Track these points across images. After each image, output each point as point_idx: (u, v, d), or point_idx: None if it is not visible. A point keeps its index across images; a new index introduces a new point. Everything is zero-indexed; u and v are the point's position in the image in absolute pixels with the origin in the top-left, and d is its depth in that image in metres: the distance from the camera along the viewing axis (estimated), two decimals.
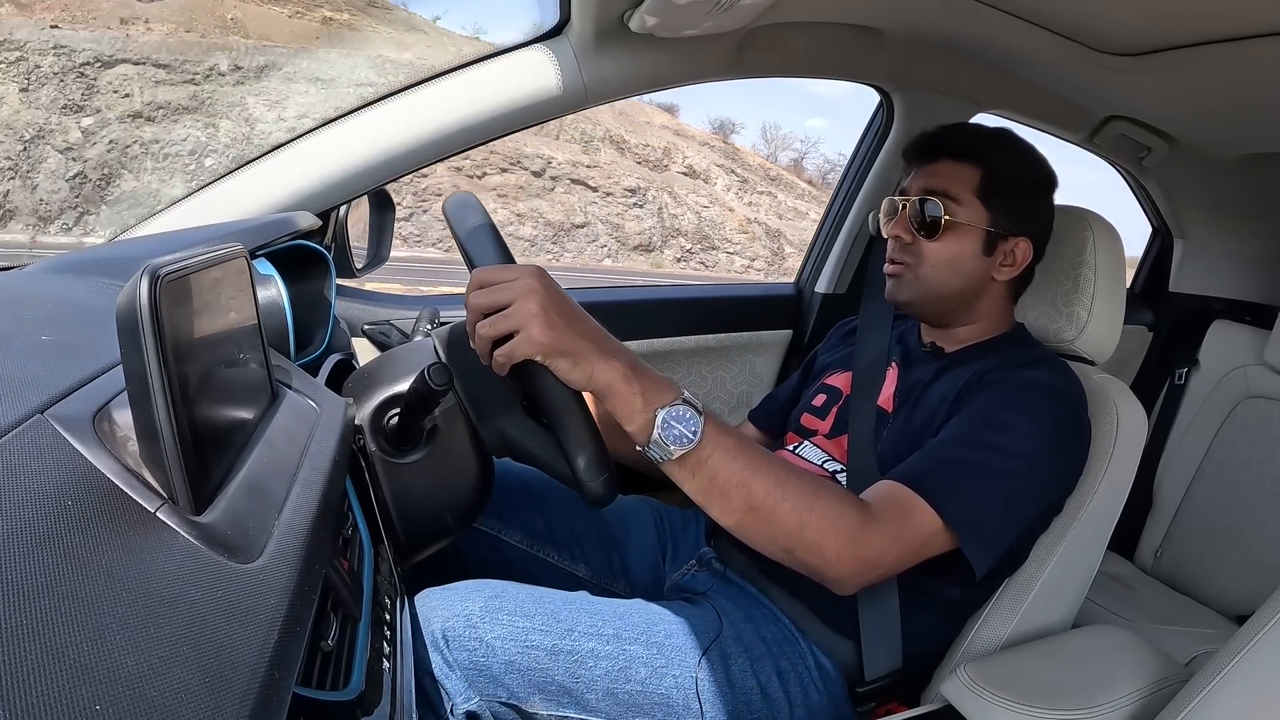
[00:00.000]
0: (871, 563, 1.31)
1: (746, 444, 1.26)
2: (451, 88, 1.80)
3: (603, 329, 1.21)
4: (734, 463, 1.23)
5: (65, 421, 0.65)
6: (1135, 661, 1.44)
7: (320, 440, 1.01)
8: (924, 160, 1.67)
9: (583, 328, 1.18)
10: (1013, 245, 1.62)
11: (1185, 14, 1.67)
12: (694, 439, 1.20)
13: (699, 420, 1.20)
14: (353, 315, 2.09)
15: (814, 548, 1.27)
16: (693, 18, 1.68)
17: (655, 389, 1.20)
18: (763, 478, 1.24)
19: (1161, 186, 2.85)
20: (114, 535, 0.58)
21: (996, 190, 1.60)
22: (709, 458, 1.22)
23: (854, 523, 1.28)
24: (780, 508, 1.24)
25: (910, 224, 1.62)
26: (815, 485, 1.28)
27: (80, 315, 1.02)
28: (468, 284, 1.21)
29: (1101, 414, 1.56)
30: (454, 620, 1.38)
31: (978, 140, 1.65)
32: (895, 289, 1.66)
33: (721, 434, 1.23)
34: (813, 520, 1.25)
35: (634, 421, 1.21)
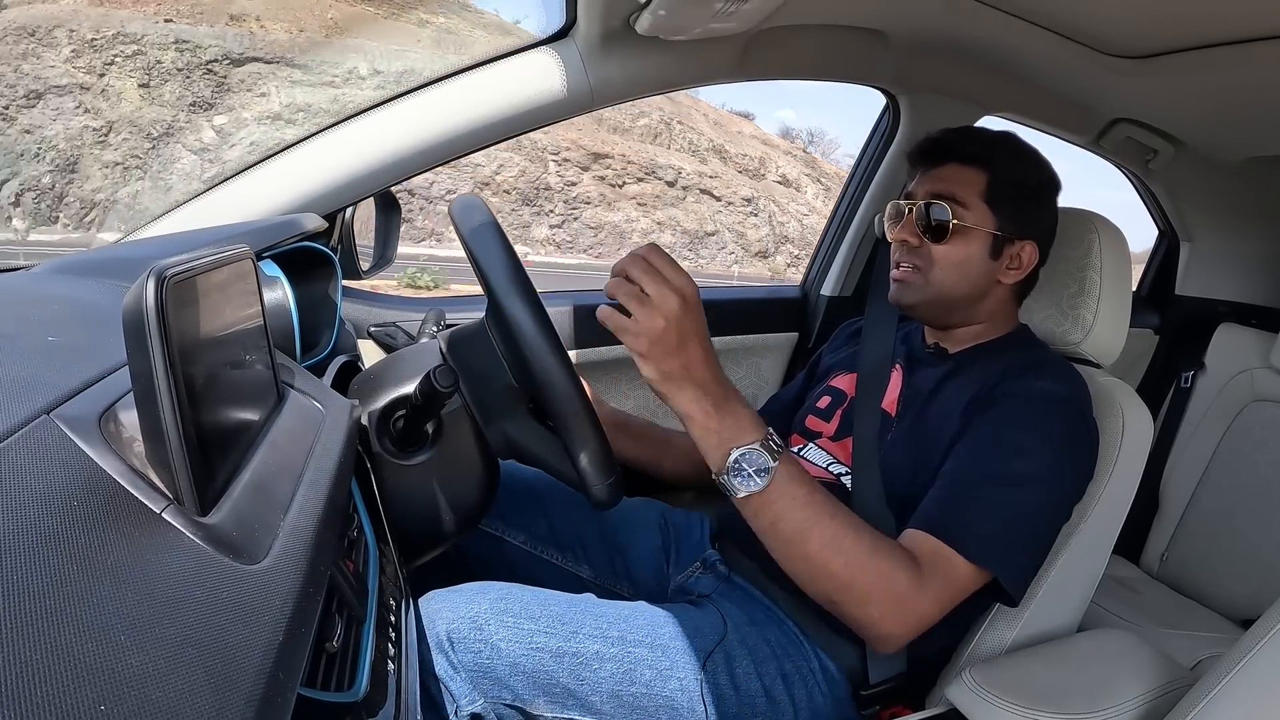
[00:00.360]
0: (915, 625, 1.34)
1: (815, 495, 1.31)
2: (458, 90, 1.80)
3: (712, 365, 1.28)
4: (798, 513, 1.29)
5: (71, 422, 0.65)
6: (1141, 665, 1.44)
7: (326, 442, 1.01)
8: (929, 164, 1.67)
9: (688, 356, 1.25)
10: (1019, 248, 1.61)
11: (1191, 16, 1.67)
12: (761, 485, 1.28)
13: (772, 468, 1.28)
14: (359, 317, 2.09)
15: (860, 604, 1.31)
16: (698, 20, 1.68)
17: (736, 429, 1.28)
18: (822, 530, 1.29)
19: (1168, 189, 2.84)
20: (120, 536, 0.58)
21: (1002, 194, 1.59)
22: (774, 504, 1.29)
23: (903, 586, 1.30)
24: (833, 562, 1.29)
25: (917, 227, 1.61)
26: (871, 544, 1.31)
27: (86, 316, 1.03)
28: (642, 248, 1.29)
29: (1107, 417, 1.56)
30: (459, 622, 1.38)
31: (983, 144, 1.65)
32: (901, 292, 1.65)
33: (792, 483, 1.29)
34: (862, 579, 1.29)
35: (709, 455, 1.31)
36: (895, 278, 1.66)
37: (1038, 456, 1.42)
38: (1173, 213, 2.94)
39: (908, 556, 1.33)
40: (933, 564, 1.34)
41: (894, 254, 1.68)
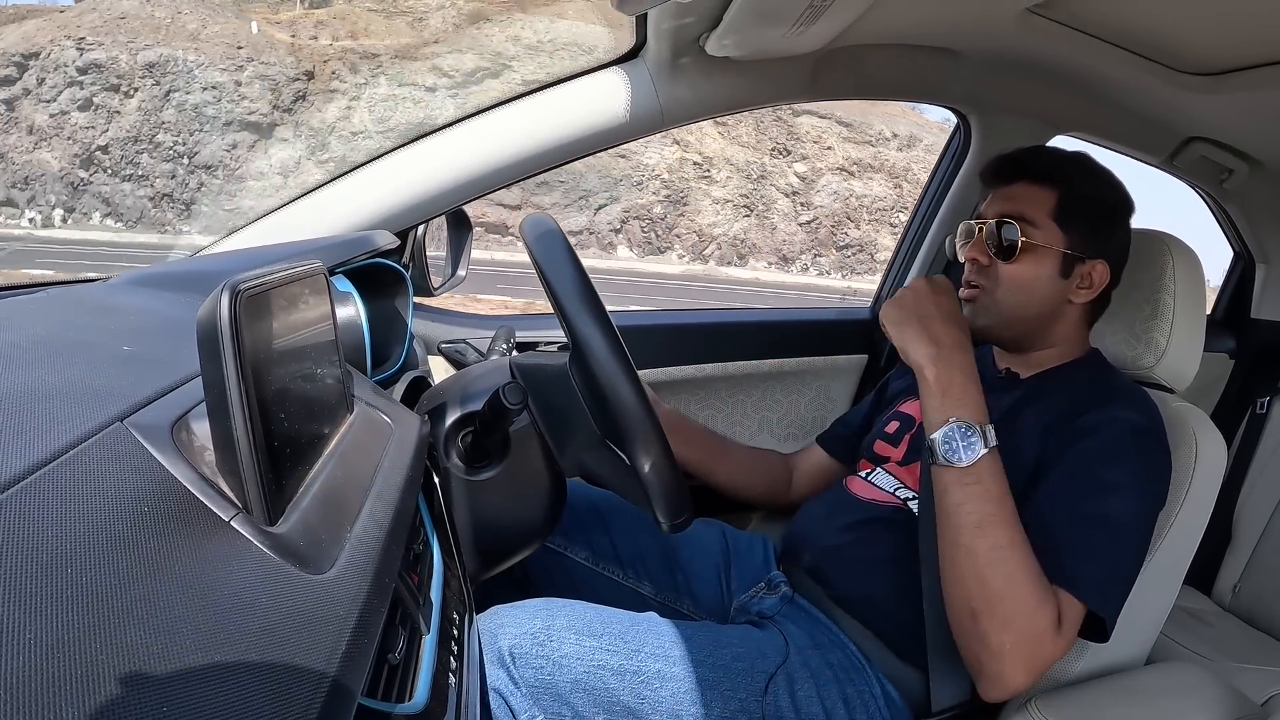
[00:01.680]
0: (1039, 671, 1.33)
1: (1008, 500, 1.35)
2: (529, 109, 1.82)
3: (956, 340, 1.50)
4: (986, 505, 1.34)
5: (144, 430, 0.66)
6: (1211, 700, 1.41)
7: (394, 455, 1.02)
8: (1000, 183, 1.66)
9: (928, 318, 1.51)
10: (1089, 268, 1.59)
11: (1267, 31, 1.64)
12: (966, 461, 1.35)
13: (978, 453, 1.36)
14: (429, 333, 2.11)
15: (1000, 626, 1.30)
16: (768, 41, 1.68)
17: (959, 401, 1.41)
18: (999, 534, 1.32)
19: (1243, 210, 2.78)
20: (188, 542, 0.59)
21: (1073, 212, 1.58)
22: (969, 485, 1.35)
23: (1045, 625, 1.30)
24: (995, 569, 1.31)
25: (986, 247, 1.61)
26: (1036, 574, 1.31)
27: (161, 327, 1.05)
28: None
29: (1180, 443, 1.53)
30: (521, 638, 1.38)
31: (1054, 163, 1.63)
32: (971, 314, 1.64)
33: (991, 476, 1.37)
34: (1013, 601, 1.30)
35: (928, 415, 1.45)
36: (964, 297, 1.65)
37: (1131, 495, 1.41)
38: (1248, 234, 2.88)
39: (1054, 603, 1.31)
40: (1065, 614, 1.33)
41: (965, 274, 1.67)
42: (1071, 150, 1.69)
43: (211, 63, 35.81)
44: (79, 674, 0.44)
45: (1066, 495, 1.42)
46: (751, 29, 1.61)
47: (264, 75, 35.90)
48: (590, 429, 1.43)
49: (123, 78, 35.54)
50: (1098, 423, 1.47)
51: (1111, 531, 1.38)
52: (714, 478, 1.98)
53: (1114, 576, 1.37)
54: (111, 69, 35.49)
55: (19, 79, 36.05)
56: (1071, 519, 1.39)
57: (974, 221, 1.65)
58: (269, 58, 36.35)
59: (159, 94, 35.62)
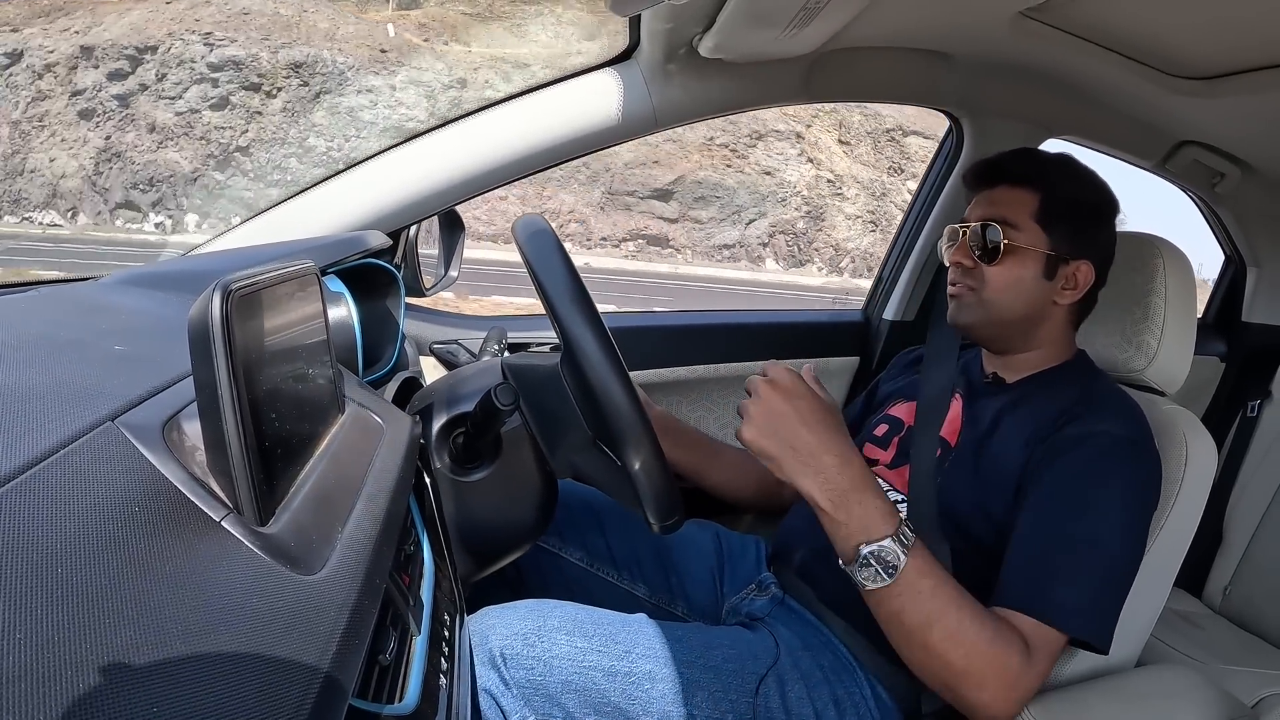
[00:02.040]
0: (1022, 702, 1.34)
1: (941, 587, 1.31)
2: (522, 110, 1.82)
3: (837, 453, 1.36)
4: (924, 606, 1.30)
5: (135, 429, 0.66)
6: (1201, 702, 1.41)
7: (385, 456, 1.02)
8: (983, 186, 1.67)
9: (798, 441, 1.35)
10: (1073, 269, 1.60)
11: (1261, 35, 1.64)
12: (889, 580, 1.29)
13: (901, 563, 1.29)
14: (421, 334, 2.11)
15: (975, 689, 1.30)
16: (761, 43, 1.68)
17: (865, 523, 1.32)
18: (946, 623, 1.29)
19: (1235, 214, 2.78)
20: (179, 542, 0.59)
21: (1055, 214, 1.59)
22: (899, 596, 1.30)
23: (1016, 669, 1.30)
24: (953, 653, 1.29)
25: (970, 250, 1.62)
26: (992, 632, 1.30)
27: (152, 327, 1.05)
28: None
29: (1170, 446, 1.54)
30: (512, 639, 1.38)
31: (1035, 165, 1.65)
32: (957, 311, 1.65)
33: (920, 577, 1.30)
34: (979, 666, 1.29)
35: (836, 545, 1.35)
36: (951, 294, 1.67)
37: (1114, 512, 1.41)
38: (1240, 238, 2.88)
39: (1020, 639, 1.32)
40: (1035, 642, 1.33)
41: (950, 275, 1.68)
42: (1054, 152, 1.71)
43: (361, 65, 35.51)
44: (69, 674, 0.44)
45: (1050, 517, 1.42)
46: (744, 31, 1.61)
47: (417, 81, 35.70)
48: (582, 430, 1.43)
49: (264, 76, 35.00)
50: (1082, 436, 1.47)
51: (1096, 553, 1.38)
52: (706, 480, 1.98)
53: (1099, 598, 1.38)
54: (251, 67, 34.96)
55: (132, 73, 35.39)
56: (1055, 543, 1.40)
57: (958, 225, 1.67)
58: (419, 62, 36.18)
59: (307, 95, 35.10)
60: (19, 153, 35.77)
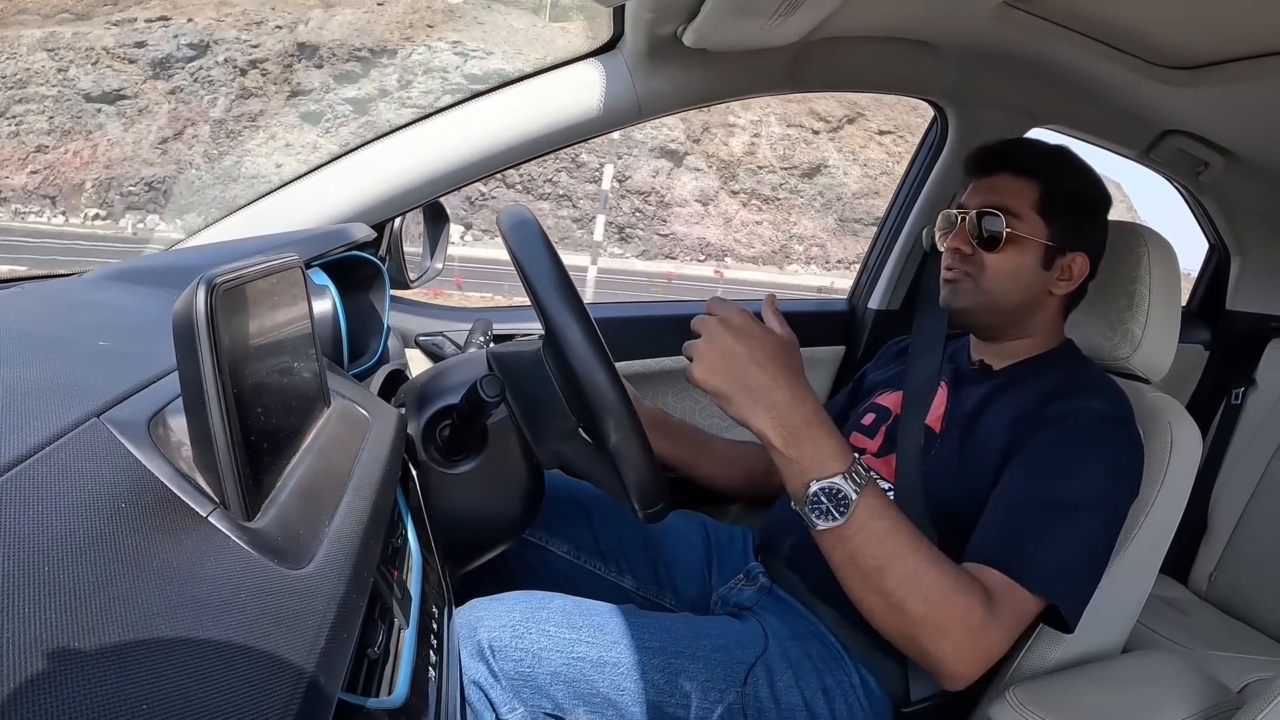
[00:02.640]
0: (985, 660, 1.31)
1: (897, 529, 1.29)
2: (506, 101, 1.81)
3: (790, 389, 1.30)
4: (877, 548, 1.27)
5: (121, 425, 0.66)
6: (1187, 688, 1.42)
7: (372, 449, 1.01)
8: (983, 173, 1.67)
9: (750, 379, 1.29)
10: (1070, 260, 1.61)
11: (1243, 25, 1.65)
12: (840, 519, 1.27)
13: (852, 501, 1.26)
14: (406, 326, 2.11)
15: (934, 640, 1.27)
16: (746, 33, 1.68)
17: (817, 459, 1.28)
18: (902, 567, 1.27)
19: (1219, 202, 2.80)
20: (166, 538, 0.59)
21: (1056, 205, 1.59)
22: (852, 538, 1.28)
23: (977, 621, 1.28)
24: (910, 600, 1.27)
25: (970, 236, 1.61)
26: (952, 580, 1.28)
27: (137, 322, 1.04)
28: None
29: (1155, 433, 1.54)
30: (500, 630, 1.38)
31: (1038, 155, 1.64)
32: (953, 295, 1.65)
33: (873, 517, 1.28)
34: (938, 615, 1.27)
35: (789, 483, 1.32)
36: (946, 279, 1.66)
37: (1093, 481, 1.40)
38: (1224, 226, 2.90)
39: (981, 590, 1.30)
40: (1001, 597, 1.31)
41: (945, 261, 1.67)
42: (1054, 144, 1.70)
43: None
44: (57, 672, 0.44)
45: (1028, 481, 1.43)
46: (729, 21, 1.61)
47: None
48: (567, 418, 1.43)
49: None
50: (1063, 411, 1.47)
51: (1069, 517, 1.38)
52: (696, 473, 1.98)
53: (1070, 562, 1.36)
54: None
55: (363, 75, 35.35)
56: (1029, 505, 1.39)
57: (955, 211, 1.66)
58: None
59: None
60: (228, 154, 35.80)
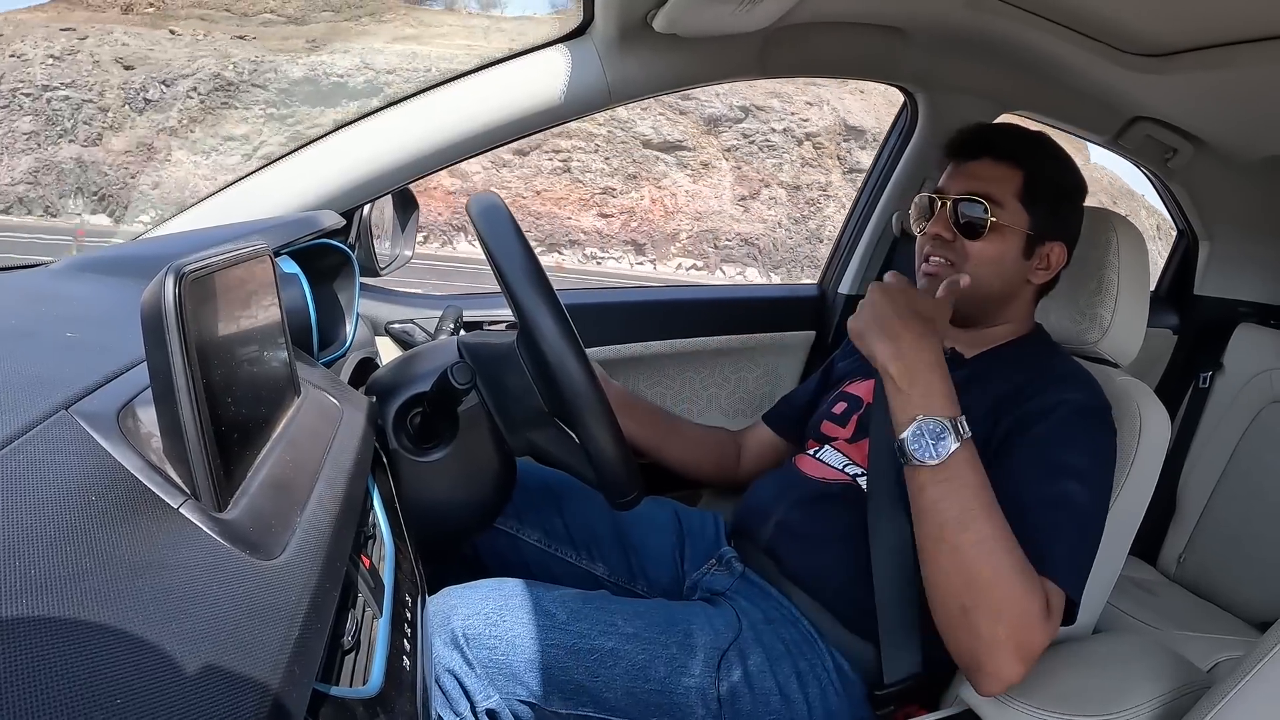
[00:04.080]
0: (1031, 659, 1.28)
1: (986, 488, 1.31)
2: (475, 87, 1.80)
3: (921, 336, 1.41)
4: (964, 499, 1.30)
5: (89, 418, 0.65)
6: (1158, 667, 1.43)
7: (343, 438, 1.01)
8: (964, 158, 1.66)
9: (885, 321, 1.42)
10: (1049, 249, 1.61)
11: (1212, 13, 1.65)
12: (937, 459, 1.30)
13: (950, 447, 1.31)
14: (376, 314, 2.10)
15: (992, 617, 1.26)
16: (716, 18, 1.68)
17: (928, 397, 1.35)
18: (981, 526, 1.28)
19: (1187, 188, 2.82)
20: (137, 530, 0.58)
21: (1038, 194, 1.59)
22: (943, 482, 1.31)
23: (1037, 612, 1.26)
24: (982, 562, 1.27)
25: (950, 223, 1.60)
26: (1022, 562, 1.28)
27: (104, 313, 1.03)
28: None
29: (1125, 417, 1.55)
30: (474, 618, 1.38)
31: (1021, 142, 1.64)
32: (933, 285, 1.62)
33: (967, 467, 1.32)
34: (1003, 591, 1.26)
35: (895, 416, 1.39)
36: (926, 271, 1.65)
37: (1087, 474, 1.41)
38: (1192, 212, 2.91)
39: (1042, 589, 1.28)
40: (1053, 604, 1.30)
41: (923, 248, 1.67)
42: (1034, 130, 1.70)
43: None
44: (29, 668, 0.43)
45: (1029, 480, 1.42)
46: (699, 6, 1.60)
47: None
48: (539, 407, 1.43)
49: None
50: (1047, 406, 1.47)
51: (1074, 513, 1.38)
52: (665, 456, 1.99)
53: (1079, 558, 1.37)
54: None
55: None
56: (1037, 504, 1.38)
57: (934, 196, 1.65)
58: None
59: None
60: (811, 219, 37.16)
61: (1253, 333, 2.83)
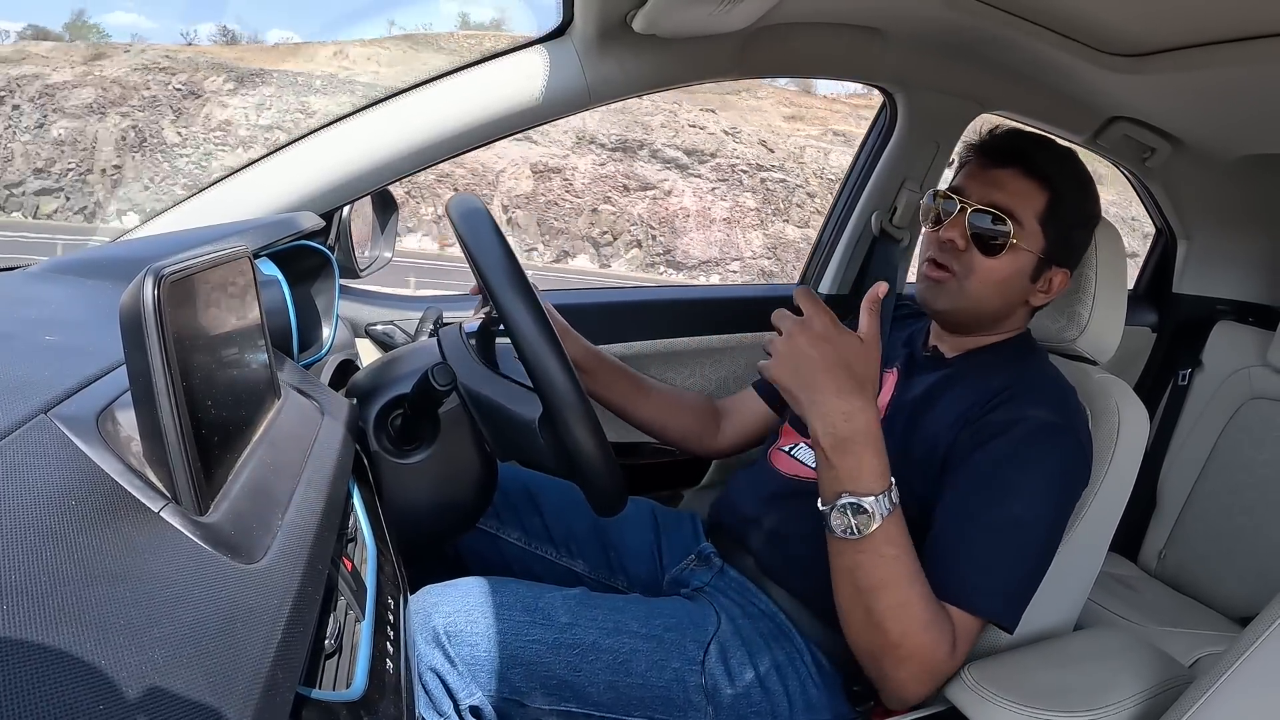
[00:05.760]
0: (935, 688, 1.38)
1: (903, 560, 1.31)
2: (455, 88, 1.80)
3: (846, 398, 1.30)
4: (879, 571, 1.30)
5: (69, 421, 0.65)
6: (1140, 663, 1.44)
7: (324, 441, 1.01)
8: (992, 163, 1.59)
9: (815, 384, 1.30)
10: (1054, 274, 1.58)
11: (1189, 14, 1.66)
12: (858, 535, 1.29)
13: (872, 526, 1.28)
14: (356, 316, 2.09)
15: (896, 665, 1.33)
16: (696, 18, 1.68)
17: (853, 475, 1.30)
18: (894, 594, 1.30)
19: (1165, 188, 2.83)
20: (118, 535, 0.58)
21: (1058, 219, 1.55)
22: (860, 554, 1.30)
23: (942, 657, 1.33)
24: (891, 624, 1.30)
25: (966, 232, 1.55)
26: (932, 617, 1.32)
27: (83, 316, 1.03)
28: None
29: (1103, 414, 1.56)
30: (456, 616, 1.38)
31: (1054, 160, 1.58)
32: (934, 295, 1.61)
33: (886, 544, 1.30)
34: (910, 646, 1.31)
35: (822, 485, 1.34)
36: (930, 276, 1.61)
37: (1037, 498, 1.42)
38: (1170, 211, 2.93)
39: (950, 629, 1.34)
40: (961, 632, 1.35)
41: (928, 250, 1.63)
42: (1066, 147, 1.64)
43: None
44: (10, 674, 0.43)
45: (972, 502, 1.43)
46: (679, 6, 1.60)
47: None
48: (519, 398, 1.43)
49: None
50: (1009, 421, 1.46)
51: (1015, 538, 1.39)
52: (635, 417, 1.99)
53: (1015, 583, 1.40)
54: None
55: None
56: (976, 528, 1.41)
57: (953, 197, 1.58)
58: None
59: None
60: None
61: (1231, 330, 2.85)
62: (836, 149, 38.17)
